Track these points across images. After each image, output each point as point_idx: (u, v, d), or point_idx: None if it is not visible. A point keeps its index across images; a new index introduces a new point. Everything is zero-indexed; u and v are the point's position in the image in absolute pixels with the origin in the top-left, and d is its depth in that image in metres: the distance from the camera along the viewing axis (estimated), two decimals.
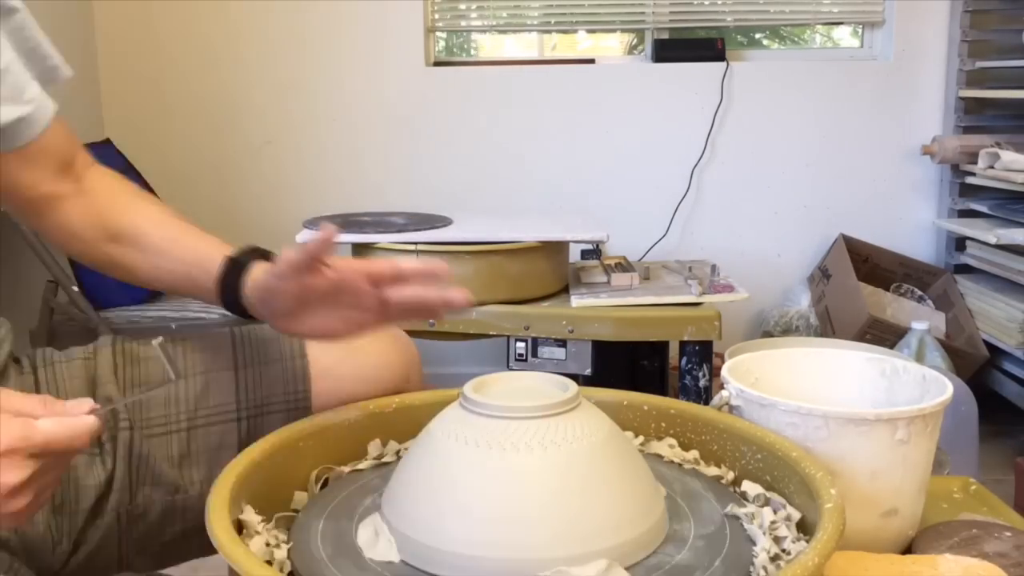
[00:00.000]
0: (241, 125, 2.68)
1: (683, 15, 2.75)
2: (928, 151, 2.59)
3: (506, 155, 2.70)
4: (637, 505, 0.72)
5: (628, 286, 1.79)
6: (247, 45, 2.65)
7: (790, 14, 2.78)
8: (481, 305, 1.71)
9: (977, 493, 1.03)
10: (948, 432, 1.01)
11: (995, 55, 2.58)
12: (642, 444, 0.92)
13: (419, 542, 0.70)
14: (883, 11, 2.73)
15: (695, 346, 1.72)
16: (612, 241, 1.90)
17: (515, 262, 1.71)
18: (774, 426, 0.85)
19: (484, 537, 0.68)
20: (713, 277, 1.86)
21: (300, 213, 2.05)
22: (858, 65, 2.75)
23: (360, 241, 1.74)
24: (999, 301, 2.37)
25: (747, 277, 1.95)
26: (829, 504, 0.69)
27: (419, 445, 0.77)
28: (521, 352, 1.94)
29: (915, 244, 2.74)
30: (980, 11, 2.57)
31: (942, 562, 0.79)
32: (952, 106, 2.63)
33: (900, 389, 0.93)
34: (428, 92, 2.68)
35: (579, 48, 3.02)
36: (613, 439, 0.75)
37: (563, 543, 0.68)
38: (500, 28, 2.85)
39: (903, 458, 0.83)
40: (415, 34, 2.66)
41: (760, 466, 0.83)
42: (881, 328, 2.28)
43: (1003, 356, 2.35)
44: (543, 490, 0.69)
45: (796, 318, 2.59)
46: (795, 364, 0.99)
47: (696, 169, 2.69)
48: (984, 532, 0.86)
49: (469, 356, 2.27)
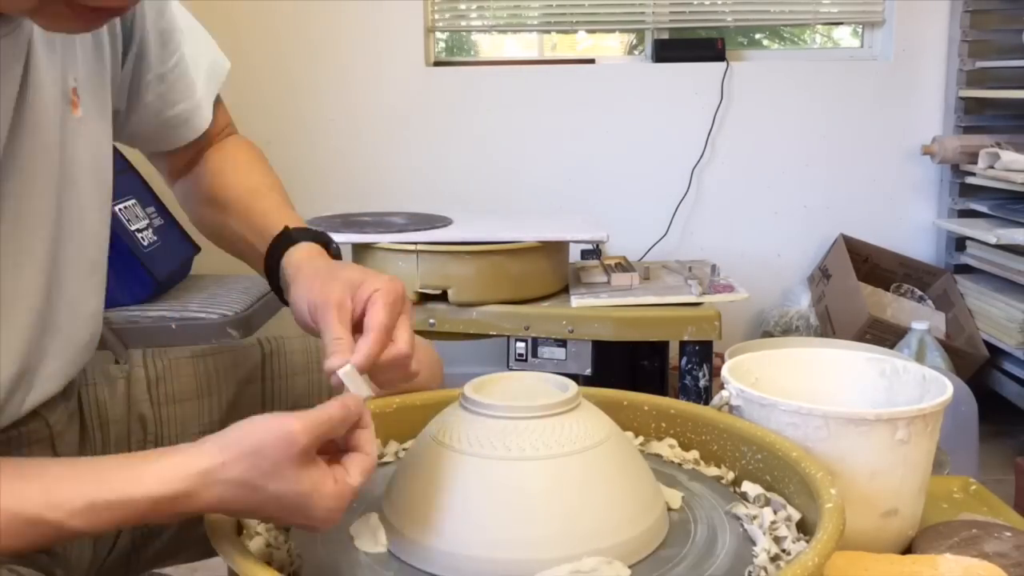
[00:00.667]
0: (241, 125, 2.65)
1: (683, 15, 2.75)
2: (928, 151, 2.59)
3: (506, 155, 2.70)
4: (636, 505, 0.72)
5: (628, 286, 1.79)
6: (247, 45, 2.65)
7: (790, 14, 2.78)
8: (481, 305, 1.71)
9: (977, 493, 1.03)
10: (948, 432, 1.01)
11: (995, 55, 2.58)
12: (642, 444, 0.92)
13: (419, 542, 0.70)
14: (883, 11, 2.73)
15: (695, 346, 1.72)
16: (612, 241, 1.90)
17: (515, 262, 1.71)
18: (774, 426, 0.84)
19: (484, 537, 0.68)
20: (713, 277, 1.86)
21: (300, 213, 2.03)
22: (858, 65, 2.75)
23: (360, 241, 1.74)
24: (999, 301, 2.37)
25: (747, 277, 1.95)
26: (829, 504, 0.69)
27: (419, 445, 0.77)
28: (521, 352, 1.94)
29: (915, 244, 2.74)
30: (980, 11, 2.58)
31: (942, 562, 0.79)
32: (952, 106, 2.64)
33: (900, 389, 0.93)
34: (428, 92, 2.68)
35: (579, 48, 3.02)
36: (613, 439, 0.75)
37: (563, 543, 0.68)
38: (500, 28, 2.85)
39: (903, 458, 0.83)
40: (415, 34, 2.66)
41: (760, 466, 0.83)
42: (881, 328, 2.28)
43: (1003, 356, 2.35)
44: (543, 490, 0.69)
45: (796, 318, 2.59)
46: (795, 364, 0.99)
47: (696, 169, 2.69)
48: (984, 532, 0.86)
49: (469, 356, 2.27)
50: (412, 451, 0.78)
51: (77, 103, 0.79)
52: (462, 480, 0.70)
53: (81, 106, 0.79)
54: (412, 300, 1.70)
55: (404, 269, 1.69)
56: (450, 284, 1.68)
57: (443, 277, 1.68)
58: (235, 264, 1.02)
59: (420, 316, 1.72)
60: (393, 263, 1.70)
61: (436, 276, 1.68)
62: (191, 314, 1.96)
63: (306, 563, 0.70)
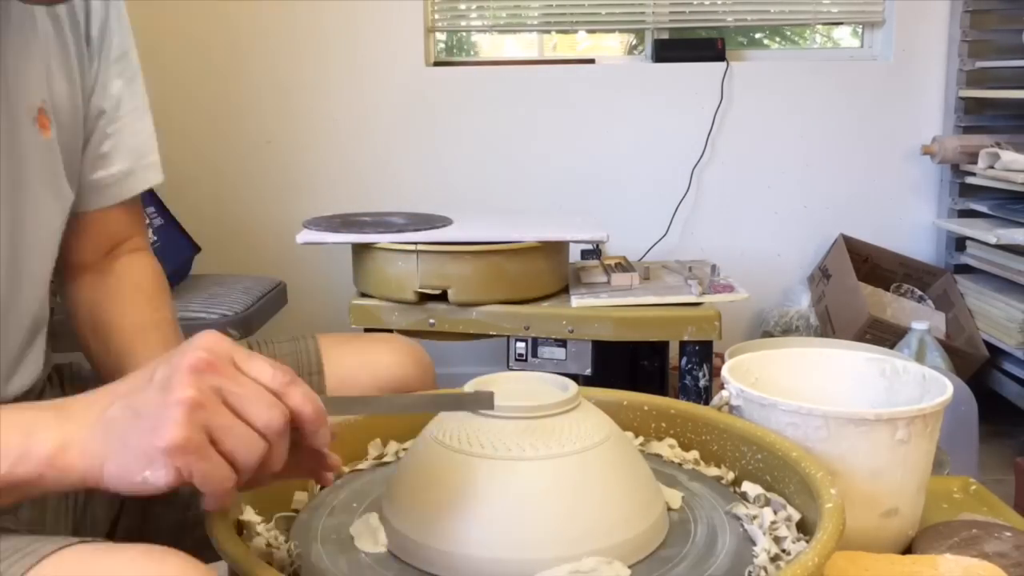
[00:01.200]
0: (241, 125, 2.68)
1: (683, 15, 2.75)
2: (928, 151, 2.59)
3: (506, 155, 2.70)
4: (636, 505, 0.72)
5: (628, 286, 1.78)
6: (248, 45, 2.65)
7: (790, 14, 2.78)
8: (481, 305, 1.71)
9: (977, 493, 1.03)
10: (948, 432, 1.01)
11: (995, 55, 2.58)
12: (642, 444, 0.92)
13: (419, 542, 0.70)
14: (883, 11, 2.73)
15: (695, 346, 1.72)
16: (612, 241, 1.90)
17: (515, 262, 1.71)
18: (774, 426, 0.85)
19: (484, 537, 0.68)
20: (713, 277, 1.86)
21: (300, 213, 2.05)
22: (858, 65, 2.75)
23: (360, 241, 1.74)
24: (999, 301, 2.37)
25: (747, 277, 1.95)
26: (829, 504, 0.69)
27: (419, 445, 0.77)
28: (521, 352, 1.94)
29: (915, 244, 2.74)
30: (980, 11, 2.58)
31: (942, 562, 0.79)
32: (952, 106, 2.63)
33: (900, 389, 0.93)
34: (428, 92, 2.67)
35: (579, 48, 3.02)
36: (613, 439, 0.75)
37: (563, 543, 0.68)
38: (500, 28, 2.85)
39: (903, 458, 0.83)
40: (415, 34, 2.66)
41: (760, 466, 0.83)
42: (881, 328, 2.28)
43: (1003, 356, 2.35)
44: (543, 490, 0.69)
45: (796, 318, 2.59)
46: (795, 364, 0.99)
47: (696, 169, 2.69)
48: (984, 532, 0.86)
49: (469, 356, 2.27)
50: (412, 451, 0.78)
51: (48, 124, 0.79)
52: (462, 480, 0.70)
53: (52, 128, 0.80)
54: (412, 300, 1.70)
55: (404, 269, 1.69)
56: (450, 284, 1.68)
57: (443, 277, 1.68)
58: (235, 264, 1.02)
59: (420, 316, 1.73)
60: (393, 263, 1.70)
61: (436, 276, 1.68)
62: (191, 314, 1.96)
63: (306, 563, 0.70)
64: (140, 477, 0.54)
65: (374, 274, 1.74)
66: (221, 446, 0.54)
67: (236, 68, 2.66)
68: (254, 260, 2.58)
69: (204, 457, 0.54)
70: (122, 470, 0.55)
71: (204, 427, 0.54)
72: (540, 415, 0.72)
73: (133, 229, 0.95)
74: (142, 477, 0.54)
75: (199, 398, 0.54)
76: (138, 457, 0.54)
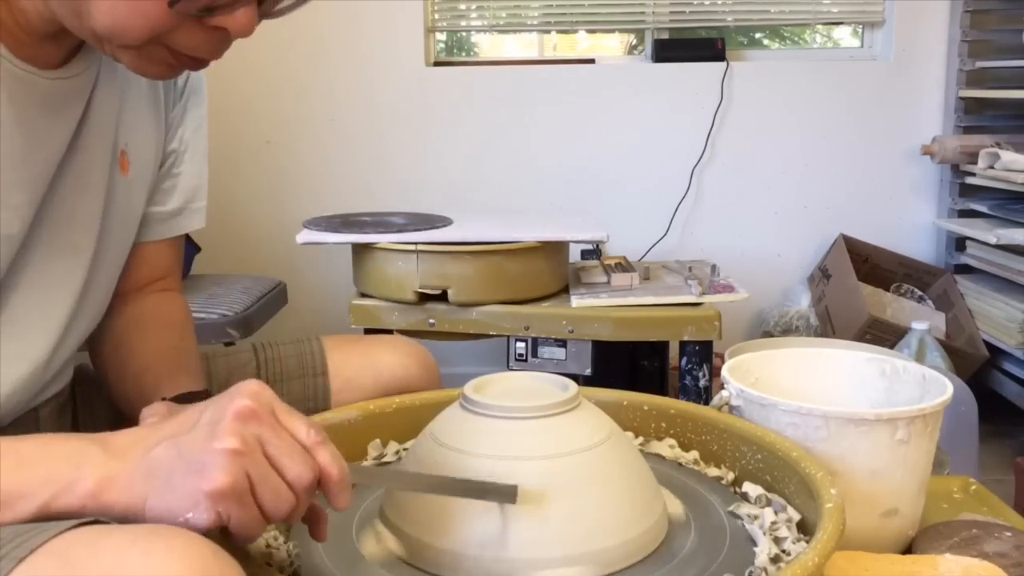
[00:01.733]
0: (241, 125, 2.68)
1: (683, 15, 2.75)
2: (928, 151, 2.59)
3: (506, 155, 2.70)
4: (636, 505, 0.72)
5: (628, 286, 1.78)
6: (247, 45, 2.64)
7: (790, 14, 2.78)
8: (481, 305, 1.71)
9: (977, 493, 1.03)
10: (948, 432, 1.01)
11: (995, 55, 2.58)
12: (642, 444, 0.92)
13: (419, 541, 0.70)
14: (883, 11, 2.73)
15: (695, 346, 1.72)
16: (612, 241, 1.90)
17: (515, 262, 1.71)
18: (774, 426, 0.85)
19: (483, 537, 0.68)
20: (713, 277, 1.86)
21: (300, 213, 2.05)
22: (858, 65, 2.75)
23: (360, 241, 1.73)
24: (999, 301, 2.37)
25: (747, 277, 1.95)
26: (829, 504, 0.69)
27: (419, 445, 0.77)
28: (521, 352, 1.94)
29: (915, 244, 2.74)
30: (980, 11, 2.58)
31: (942, 562, 0.79)
32: (952, 106, 2.63)
33: (900, 389, 0.94)
34: (428, 92, 2.67)
35: (579, 48, 3.02)
36: (613, 439, 0.75)
37: (563, 543, 0.68)
38: (500, 28, 2.85)
39: (903, 458, 0.83)
40: (415, 34, 2.66)
41: (760, 466, 0.83)
42: (881, 328, 2.28)
43: (1003, 356, 2.35)
44: (543, 490, 0.69)
45: (796, 318, 2.59)
46: (795, 364, 0.99)
47: (696, 169, 2.69)
48: (984, 532, 0.86)
49: (469, 356, 2.27)
50: (412, 451, 0.78)
51: (127, 165, 0.84)
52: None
53: (131, 169, 0.85)
54: (412, 300, 1.70)
55: (404, 269, 1.69)
56: (450, 284, 1.68)
57: (443, 277, 1.68)
58: (235, 264, 1.03)
59: (420, 316, 1.73)
60: (393, 263, 1.70)
61: (436, 276, 1.68)
62: None
63: (305, 563, 0.70)
64: (183, 518, 0.56)
65: (374, 274, 1.74)
66: (255, 493, 0.57)
67: (236, 68, 2.66)
68: (254, 260, 2.58)
69: (244, 505, 0.56)
70: (165, 510, 0.57)
71: (245, 474, 0.56)
72: (540, 415, 0.72)
73: (171, 269, 0.99)
74: (184, 518, 0.56)
75: (243, 447, 0.56)
76: (182, 499, 0.56)
